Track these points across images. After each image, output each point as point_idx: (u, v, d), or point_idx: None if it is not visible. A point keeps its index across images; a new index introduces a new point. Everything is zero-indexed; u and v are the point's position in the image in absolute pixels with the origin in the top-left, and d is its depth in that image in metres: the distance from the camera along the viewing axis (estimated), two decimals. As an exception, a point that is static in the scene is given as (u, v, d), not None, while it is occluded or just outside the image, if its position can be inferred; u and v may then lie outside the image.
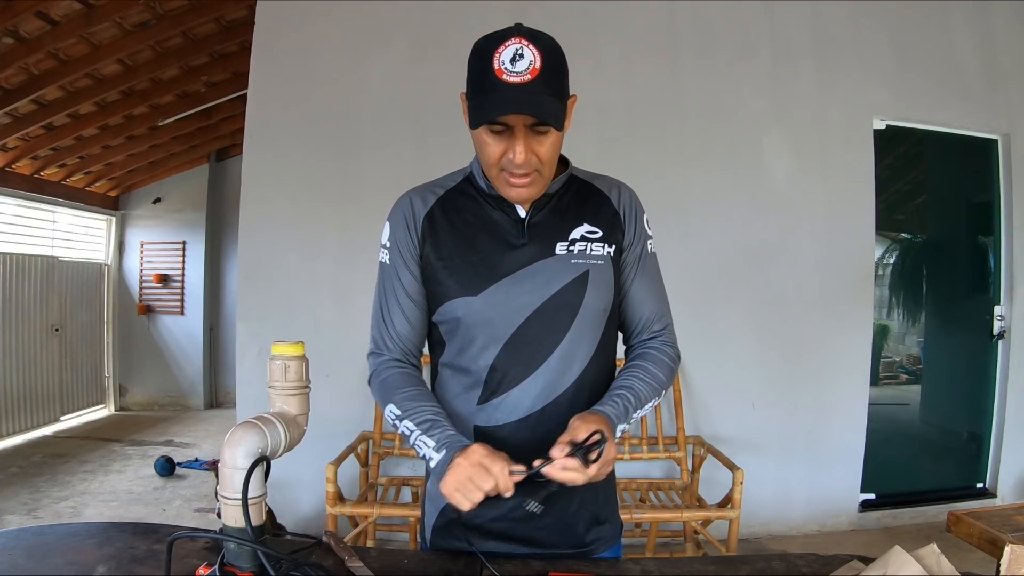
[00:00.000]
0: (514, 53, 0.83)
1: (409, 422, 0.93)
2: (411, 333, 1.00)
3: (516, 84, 0.82)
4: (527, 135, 0.86)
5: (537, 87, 0.82)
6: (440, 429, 0.91)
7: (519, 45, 0.83)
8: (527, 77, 0.82)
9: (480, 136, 0.88)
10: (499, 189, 0.93)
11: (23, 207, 5.06)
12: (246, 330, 2.82)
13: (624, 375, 0.98)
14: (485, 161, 0.90)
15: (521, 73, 0.82)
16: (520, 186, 0.90)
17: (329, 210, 2.83)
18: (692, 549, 2.45)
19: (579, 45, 2.83)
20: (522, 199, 0.92)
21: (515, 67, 0.82)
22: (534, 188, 0.91)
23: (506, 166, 0.88)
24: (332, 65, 2.86)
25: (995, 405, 3.21)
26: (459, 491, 0.82)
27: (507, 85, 0.82)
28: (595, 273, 0.95)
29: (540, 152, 0.87)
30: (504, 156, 0.87)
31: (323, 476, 2.10)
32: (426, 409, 0.93)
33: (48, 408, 5.12)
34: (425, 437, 0.90)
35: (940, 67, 3.09)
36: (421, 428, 0.91)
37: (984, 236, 3.28)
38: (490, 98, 0.83)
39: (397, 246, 0.98)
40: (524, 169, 0.88)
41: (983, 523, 1.41)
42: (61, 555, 0.90)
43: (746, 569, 0.94)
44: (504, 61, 0.82)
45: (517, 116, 0.84)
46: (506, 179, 0.90)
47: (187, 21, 3.81)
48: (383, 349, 1.00)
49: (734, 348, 2.93)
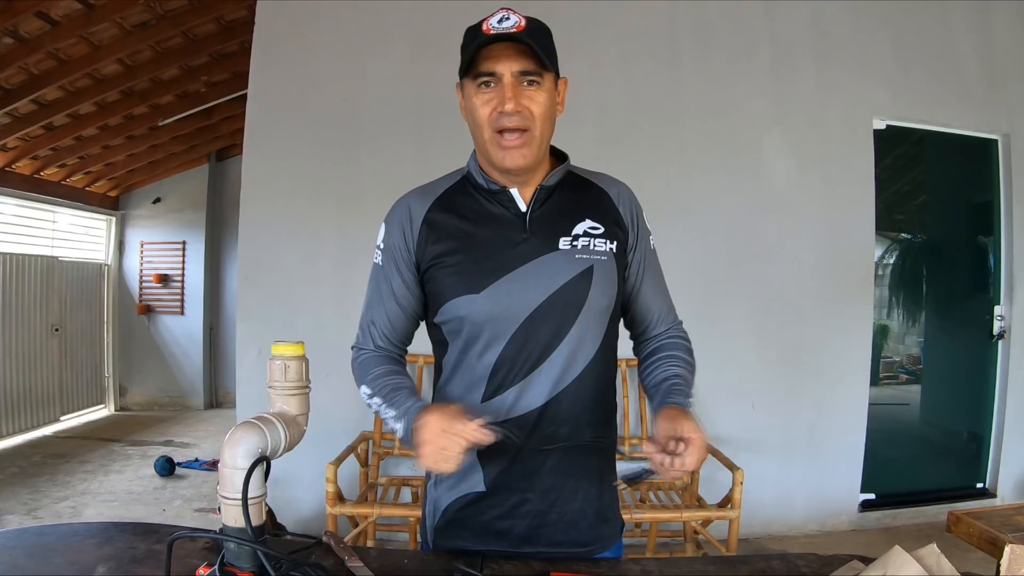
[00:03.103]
0: (501, 16, 0.88)
1: (377, 397, 0.96)
2: (392, 334, 1.03)
3: (502, 33, 0.86)
4: (516, 84, 0.88)
5: (522, 37, 0.86)
6: (401, 397, 0.93)
7: (505, 12, 0.88)
8: (512, 30, 0.86)
9: (471, 99, 0.91)
10: (495, 158, 0.92)
11: (23, 207, 5.06)
12: (246, 330, 2.82)
13: (663, 366, 1.00)
14: (478, 124, 0.91)
15: (507, 28, 0.87)
16: (513, 146, 0.90)
17: (329, 210, 2.83)
18: (692, 549, 2.44)
19: (579, 45, 2.84)
20: (517, 164, 0.92)
21: (501, 24, 0.87)
22: (527, 150, 0.91)
23: (499, 123, 0.89)
24: (332, 65, 2.86)
25: (995, 405, 3.21)
26: (439, 463, 0.82)
27: (493, 34, 0.86)
28: (599, 269, 0.95)
29: (531, 107, 0.89)
30: (495, 112, 0.89)
31: (323, 476, 2.10)
32: (390, 382, 0.96)
33: (48, 408, 5.12)
34: (389, 408, 0.94)
35: (940, 67, 3.09)
36: (386, 401, 0.95)
37: (984, 236, 3.28)
38: (476, 45, 0.87)
39: (390, 250, 0.99)
40: (515, 121, 0.88)
41: (983, 523, 1.42)
42: (61, 555, 0.90)
43: (746, 569, 0.94)
44: (491, 23, 0.88)
45: (504, 64, 0.87)
46: (499, 142, 0.90)
47: (187, 21, 3.81)
48: (364, 345, 1.04)
49: (734, 348, 2.93)
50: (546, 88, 0.90)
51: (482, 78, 0.89)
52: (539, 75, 0.89)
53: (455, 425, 0.82)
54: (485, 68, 0.88)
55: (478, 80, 0.89)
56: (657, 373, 1.00)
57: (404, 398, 0.93)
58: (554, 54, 0.92)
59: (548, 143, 0.96)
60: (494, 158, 0.92)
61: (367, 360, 1.01)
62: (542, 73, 0.89)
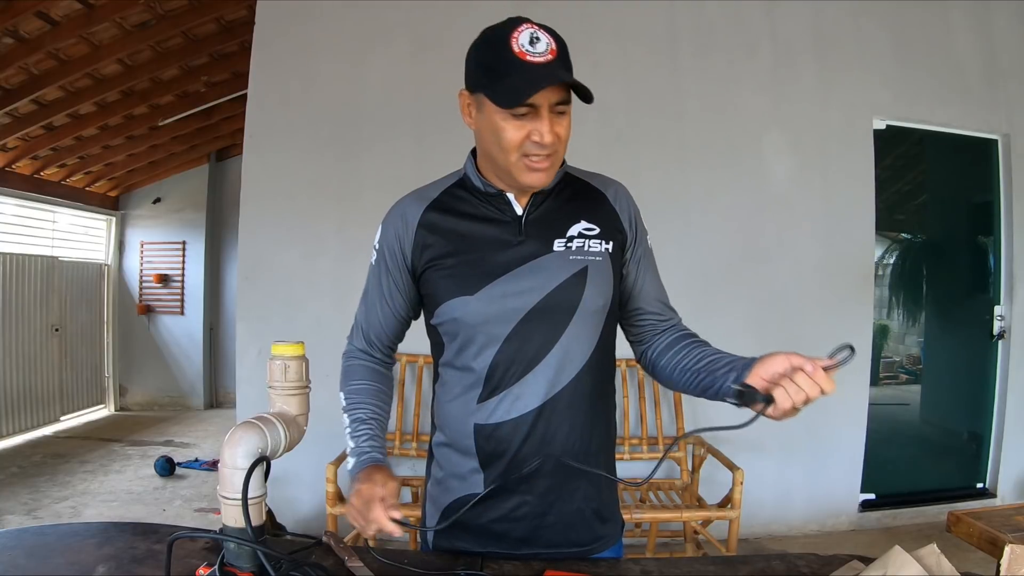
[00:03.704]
0: (531, 36, 0.84)
1: (346, 416, 1.00)
2: (382, 334, 1.05)
3: (540, 63, 0.84)
4: (551, 114, 0.87)
5: (559, 64, 0.85)
6: (362, 432, 0.97)
7: (532, 29, 0.85)
8: (548, 56, 0.84)
9: (498, 123, 0.87)
10: (516, 176, 0.90)
11: (23, 207, 5.06)
12: (246, 330, 2.82)
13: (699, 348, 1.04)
14: (503, 148, 0.88)
15: (542, 53, 0.84)
16: (542, 169, 0.89)
17: (329, 209, 2.83)
18: (692, 549, 2.44)
19: (579, 45, 2.82)
20: (541, 183, 0.91)
21: (535, 48, 0.84)
22: (552, 171, 0.92)
23: (529, 150, 0.88)
24: (332, 65, 2.86)
25: (995, 405, 3.21)
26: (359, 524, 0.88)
27: (533, 65, 0.83)
28: (594, 269, 0.95)
29: (560, 132, 0.89)
30: (526, 140, 0.87)
31: (323, 476, 2.10)
32: (360, 407, 1.00)
33: (48, 408, 5.13)
34: (350, 437, 0.98)
35: (940, 67, 3.09)
36: (351, 427, 0.99)
37: (984, 236, 3.28)
38: (518, 79, 0.84)
39: (384, 253, 1.00)
40: (549, 150, 0.88)
41: (983, 523, 1.41)
42: (61, 555, 0.90)
43: (746, 569, 0.94)
44: (523, 44, 0.84)
45: (543, 95, 0.84)
46: (527, 164, 0.89)
47: (187, 21, 3.81)
48: (354, 342, 1.08)
49: (734, 348, 2.88)
50: (569, 111, 0.89)
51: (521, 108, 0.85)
52: (569, 103, 0.88)
53: (372, 508, 0.85)
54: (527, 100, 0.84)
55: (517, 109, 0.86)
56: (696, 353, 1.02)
57: (364, 435, 0.97)
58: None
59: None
60: (517, 178, 0.91)
61: (352, 368, 1.05)
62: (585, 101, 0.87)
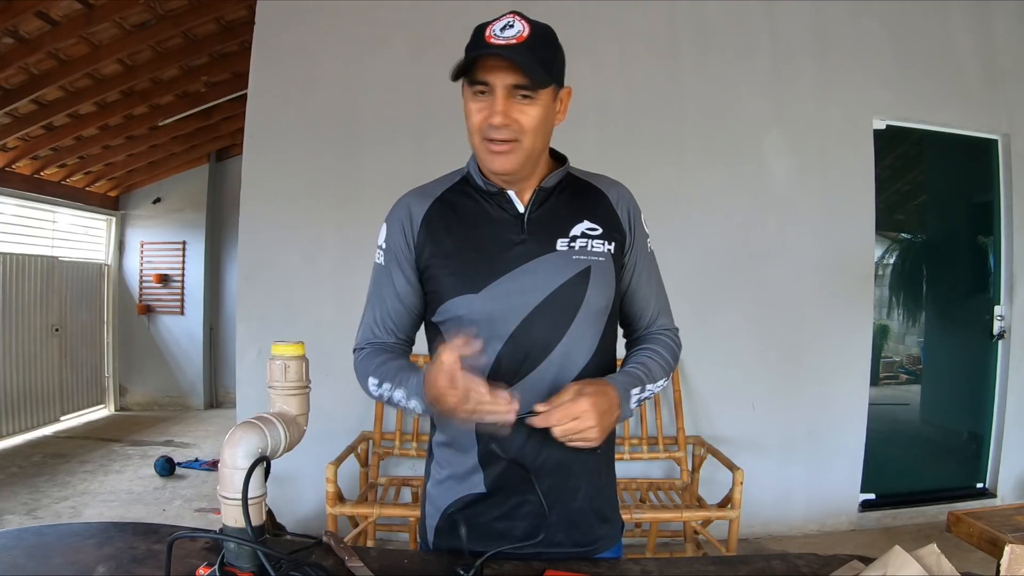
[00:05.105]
0: (505, 24, 0.87)
1: (386, 383, 0.95)
2: (397, 330, 1.03)
3: (499, 44, 0.85)
4: (508, 98, 0.87)
5: (521, 50, 0.85)
6: (405, 376, 0.94)
7: (512, 19, 0.87)
8: (512, 41, 0.85)
9: (466, 104, 0.91)
10: (483, 161, 0.93)
11: (23, 207, 5.06)
12: (246, 330, 2.82)
13: (634, 355, 1.02)
14: (470, 130, 0.92)
15: (508, 38, 0.86)
16: (498, 152, 0.90)
17: (329, 210, 2.83)
18: (692, 549, 2.44)
19: (579, 45, 2.83)
20: (502, 168, 0.92)
21: (503, 33, 0.86)
22: (514, 157, 0.91)
23: (487, 133, 0.89)
24: (332, 65, 2.86)
25: (995, 405, 3.20)
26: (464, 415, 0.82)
27: (490, 44, 0.85)
28: (596, 269, 0.95)
29: (522, 120, 0.89)
30: (485, 122, 0.89)
31: (323, 476, 2.10)
32: (392, 364, 0.97)
33: (48, 408, 5.12)
34: (398, 389, 0.94)
35: (940, 67, 3.09)
36: (394, 383, 0.94)
37: (984, 236, 3.28)
38: (473, 56, 0.86)
39: (392, 249, 0.99)
40: (503, 134, 0.88)
41: (983, 523, 1.41)
42: (61, 555, 0.90)
43: (746, 569, 0.94)
44: (495, 29, 0.87)
45: (498, 76, 0.86)
46: (487, 147, 0.91)
47: (187, 21, 3.81)
48: (365, 344, 1.03)
49: (734, 348, 2.93)
50: (541, 102, 0.89)
51: (477, 86, 0.88)
52: (532, 90, 0.88)
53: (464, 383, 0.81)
54: (479, 77, 0.87)
55: (474, 87, 0.89)
56: (625, 361, 1.02)
57: (408, 376, 0.94)
58: (554, 65, 0.90)
59: (541, 152, 0.96)
60: (481, 161, 0.94)
61: (369, 355, 1.01)
62: (536, 88, 0.88)
